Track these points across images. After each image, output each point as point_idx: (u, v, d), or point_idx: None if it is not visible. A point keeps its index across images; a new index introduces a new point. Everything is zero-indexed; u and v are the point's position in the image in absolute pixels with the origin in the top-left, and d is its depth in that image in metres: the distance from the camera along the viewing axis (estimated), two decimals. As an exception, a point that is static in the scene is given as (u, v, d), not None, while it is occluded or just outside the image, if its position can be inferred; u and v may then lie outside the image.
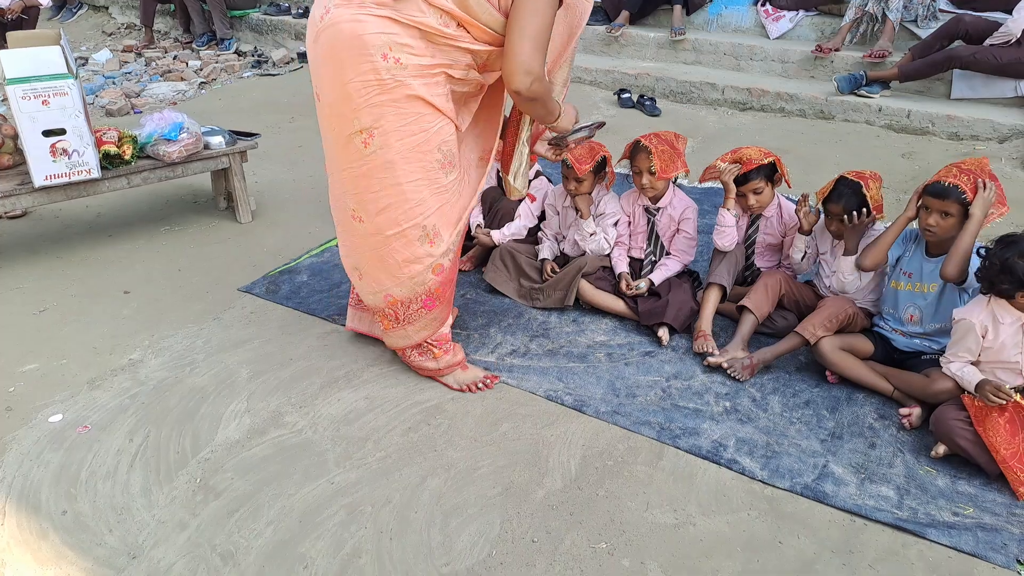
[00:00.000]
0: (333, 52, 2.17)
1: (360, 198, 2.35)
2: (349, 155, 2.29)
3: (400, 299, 2.48)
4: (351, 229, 2.45)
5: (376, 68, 2.14)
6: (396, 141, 2.23)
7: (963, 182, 2.40)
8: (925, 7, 5.41)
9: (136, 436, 2.41)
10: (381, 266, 2.44)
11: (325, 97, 2.27)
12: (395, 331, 2.58)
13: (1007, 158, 4.41)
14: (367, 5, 2.13)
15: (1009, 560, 1.97)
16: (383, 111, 2.19)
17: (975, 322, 2.31)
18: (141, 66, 7.32)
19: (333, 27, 2.15)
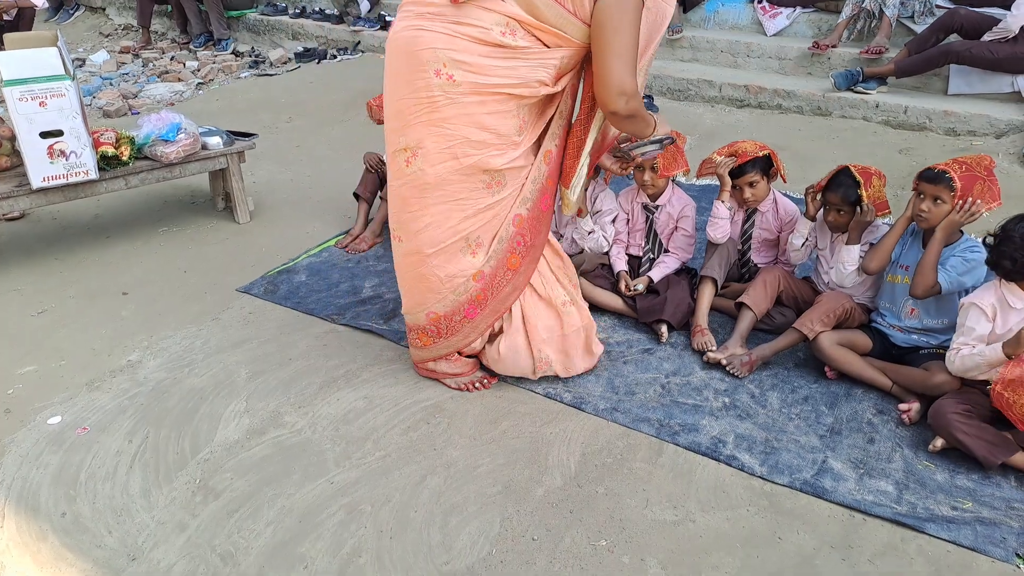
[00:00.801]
0: (392, 65, 2.16)
1: (399, 217, 2.33)
2: (394, 172, 2.28)
3: (443, 314, 2.44)
4: (395, 248, 2.44)
5: (429, 84, 2.08)
6: (439, 163, 2.18)
7: (954, 170, 2.43)
8: (922, 3, 5.41)
9: (135, 437, 2.41)
10: (423, 285, 2.41)
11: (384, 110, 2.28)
12: (432, 346, 2.54)
13: (1004, 153, 4.42)
14: (425, 16, 2.08)
15: (1008, 554, 1.97)
16: (429, 130, 2.14)
17: (984, 306, 2.32)
18: (138, 67, 7.31)
19: (393, 40, 2.14)
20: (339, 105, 5.93)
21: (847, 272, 2.73)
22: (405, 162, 2.21)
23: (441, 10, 2.06)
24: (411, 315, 2.53)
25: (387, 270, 3.47)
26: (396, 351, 2.86)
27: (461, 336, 2.50)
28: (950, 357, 2.38)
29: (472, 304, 2.44)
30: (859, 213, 2.67)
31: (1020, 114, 4.68)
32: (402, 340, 2.90)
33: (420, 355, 2.61)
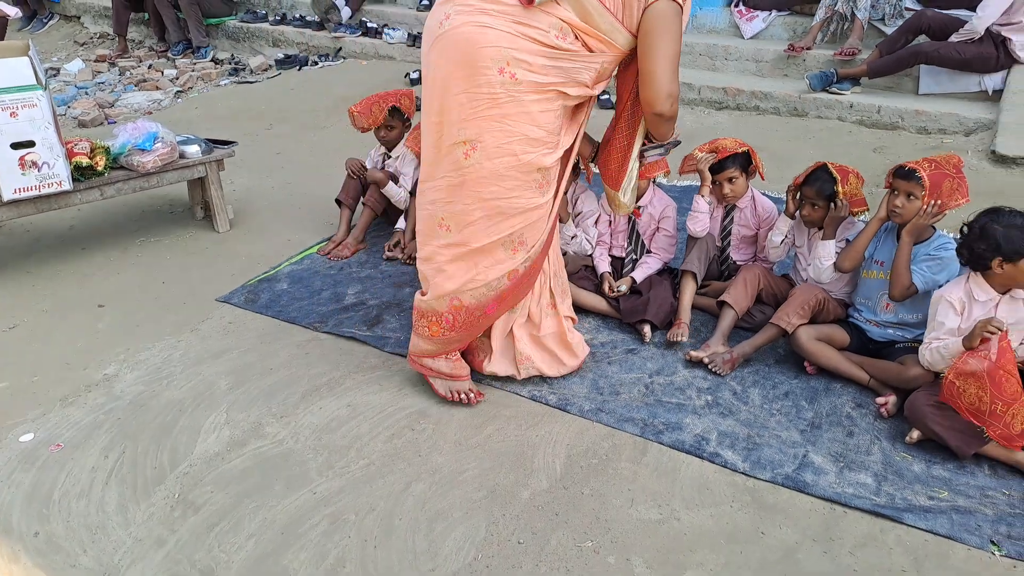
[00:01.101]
0: (449, 60, 2.14)
1: (452, 208, 2.30)
2: (449, 164, 2.25)
3: (466, 305, 2.40)
4: (435, 235, 2.38)
5: (491, 82, 2.11)
6: (497, 158, 2.19)
7: (924, 168, 2.50)
8: (892, 5, 5.49)
9: (111, 452, 2.37)
10: (459, 273, 2.37)
11: (433, 105, 2.23)
12: (440, 337, 2.48)
13: (973, 150, 4.48)
14: (489, 13, 2.09)
15: (983, 541, 2.01)
16: (490, 125, 2.16)
17: (952, 300, 2.37)
18: (115, 76, 7.24)
19: (452, 34, 2.12)
20: (321, 111, 5.91)
21: (824, 267, 2.77)
22: (464, 155, 2.20)
23: (507, 9, 2.09)
24: (432, 300, 2.44)
25: (370, 276, 3.46)
26: (380, 358, 2.85)
27: (470, 332, 2.49)
28: (922, 352, 2.43)
29: (496, 300, 2.43)
30: (833, 209, 2.71)
31: (988, 112, 4.75)
32: (386, 346, 2.89)
33: (423, 347, 2.53)
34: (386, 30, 7.35)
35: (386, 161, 3.85)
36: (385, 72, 6.80)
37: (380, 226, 3.89)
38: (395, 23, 7.60)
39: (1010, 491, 2.18)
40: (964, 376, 2.18)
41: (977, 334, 2.21)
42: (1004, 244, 2.25)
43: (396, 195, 3.72)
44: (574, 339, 2.68)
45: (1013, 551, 1.97)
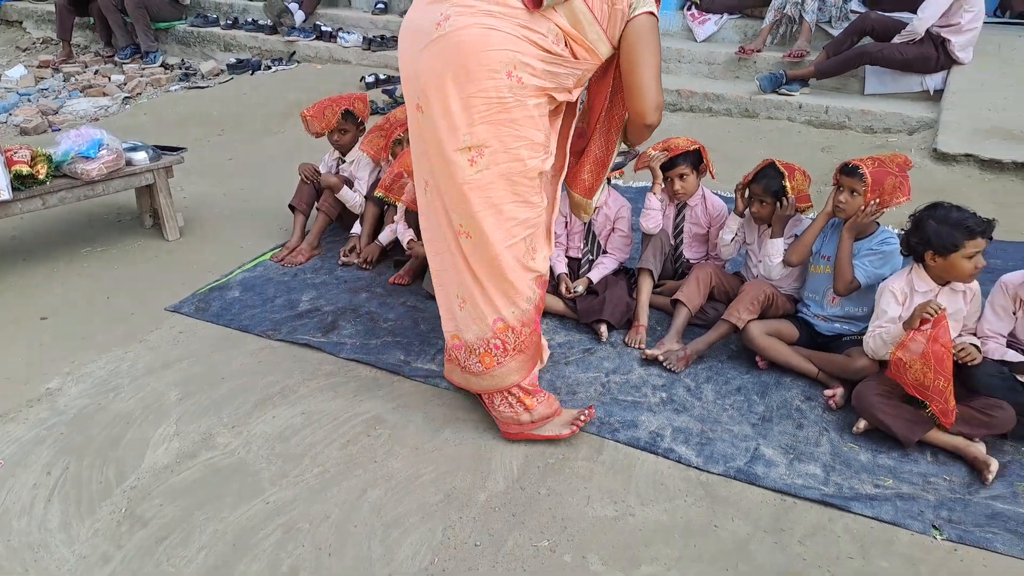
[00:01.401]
0: (451, 62, 2.05)
1: (467, 213, 2.20)
2: (455, 169, 2.16)
3: (511, 324, 2.30)
4: (454, 249, 2.26)
5: (499, 86, 2.06)
6: (505, 163, 2.15)
7: (867, 166, 2.58)
8: (838, 8, 5.65)
9: (54, 469, 2.31)
10: (496, 283, 2.26)
11: (432, 109, 2.13)
12: (498, 368, 2.34)
13: (916, 148, 4.62)
14: (495, 15, 2.03)
15: (925, 526, 2.07)
16: (498, 130, 2.11)
17: (895, 290, 2.47)
18: (59, 82, 7.06)
19: (455, 36, 2.04)
20: (274, 116, 5.84)
21: (773, 264, 2.83)
22: (469, 161, 2.13)
23: (513, 12, 2.05)
24: (475, 326, 2.31)
25: (325, 283, 3.42)
26: (335, 364, 2.82)
27: (528, 356, 2.36)
28: (866, 340, 2.51)
29: (536, 311, 2.35)
30: (779, 208, 2.77)
31: (930, 112, 4.91)
32: (341, 352, 2.87)
33: (482, 384, 2.39)
34: (341, 34, 7.30)
35: (340, 166, 3.82)
36: (340, 76, 6.75)
37: (335, 231, 3.86)
38: (350, 27, 7.55)
39: (951, 477, 2.25)
40: (911, 354, 2.25)
41: (916, 315, 2.29)
42: (934, 238, 2.34)
43: (351, 200, 3.70)
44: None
45: (953, 535, 2.04)
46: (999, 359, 2.40)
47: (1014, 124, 4.55)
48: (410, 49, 2.17)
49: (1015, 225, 3.77)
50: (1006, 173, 4.26)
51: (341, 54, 7.21)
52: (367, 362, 2.82)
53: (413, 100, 2.20)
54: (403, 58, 2.23)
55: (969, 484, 2.22)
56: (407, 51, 2.20)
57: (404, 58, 2.22)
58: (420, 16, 2.15)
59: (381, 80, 6.39)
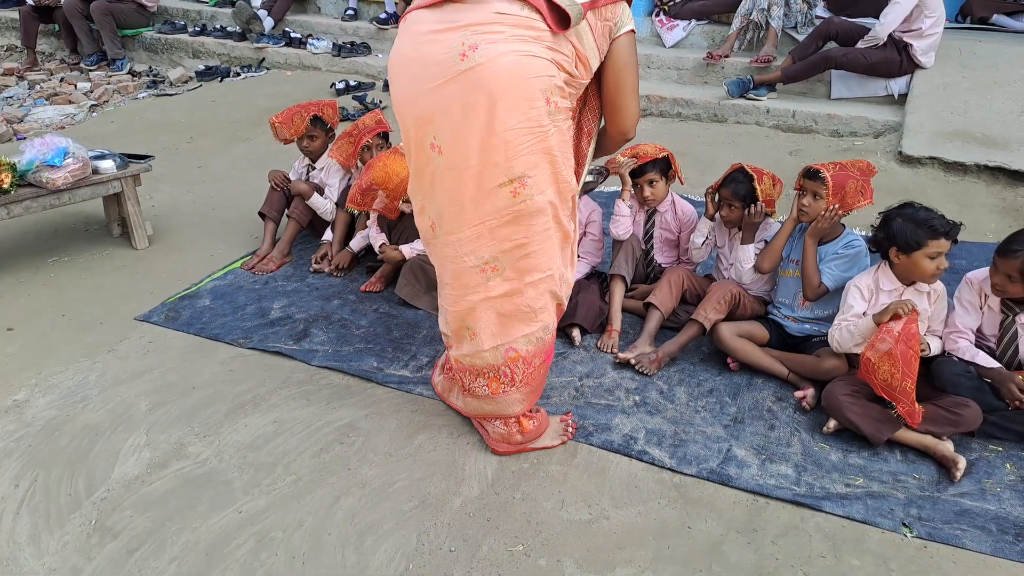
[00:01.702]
0: (490, 95, 1.90)
1: (500, 247, 2.10)
2: (492, 207, 2.03)
3: (523, 355, 2.23)
4: (474, 283, 2.16)
5: (540, 114, 1.96)
6: (548, 187, 2.06)
7: (828, 169, 2.64)
8: (803, 14, 5.75)
9: (22, 481, 2.27)
10: (520, 316, 2.19)
11: (462, 148, 1.97)
12: (503, 396, 2.28)
13: (881, 151, 4.71)
14: (526, 40, 1.90)
15: (895, 524, 2.10)
16: (540, 159, 2.01)
17: (861, 286, 2.53)
18: (24, 90, 6.94)
19: (489, 67, 1.88)
20: (243, 123, 5.79)
21: (744, 270, 2.88)
22: (512, 193, 2.01)
23: (540, 34, 1.93)
24: (486, 354, 2.24)
25: (297, 290, 3.40)
26: (307, 372, 2.80)
27: (532, 388, 2.30)
28: (831, 333, 2.56)
29: (552, 345, 2.30)
30: (748, 215, 2.81)
31: (894, 115, 5.01)
32: (313, 360, 2.85)
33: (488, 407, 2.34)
34: (310, 40, 7.27)
35: (311, 172, 3.80)
36: (310, 82, 6.72)
37: (306, 238, 3.84)
38: (319, 33, 7.52)
39: (920, 475, 2.29)
40: (879, 354, 2.29)
41: (891, 311, 2.34)
42: (899, 235, 2.40)
43: (322, 207, 3.68)
44: None
45: (923, 532, 2.07)
46: (969, 360, 2.45)
47: (975, 127, 4.66)
48: (420, 86, 1.97)
49: (978, 226, 3.86)
50: (969, 175, 4.36)
51: (311, 60, 7.18)
52: (340, 369, 2.81)
53: (426, 141, 2.02)
54: (407, 95, 2.02)
55: (938, 482, 2.26)
56: (413, 88, 1.99)
57: (409, 95, 2.01)
58: (427, 48, 1.94)
59: (351, 86, 6.38)
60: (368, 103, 5.95)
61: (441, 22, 1.92)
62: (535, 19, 1.92)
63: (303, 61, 7.21)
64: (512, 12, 1.90)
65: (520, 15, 1.91)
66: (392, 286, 3.35)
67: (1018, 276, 2.35)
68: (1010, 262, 2.34)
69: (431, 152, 2.03)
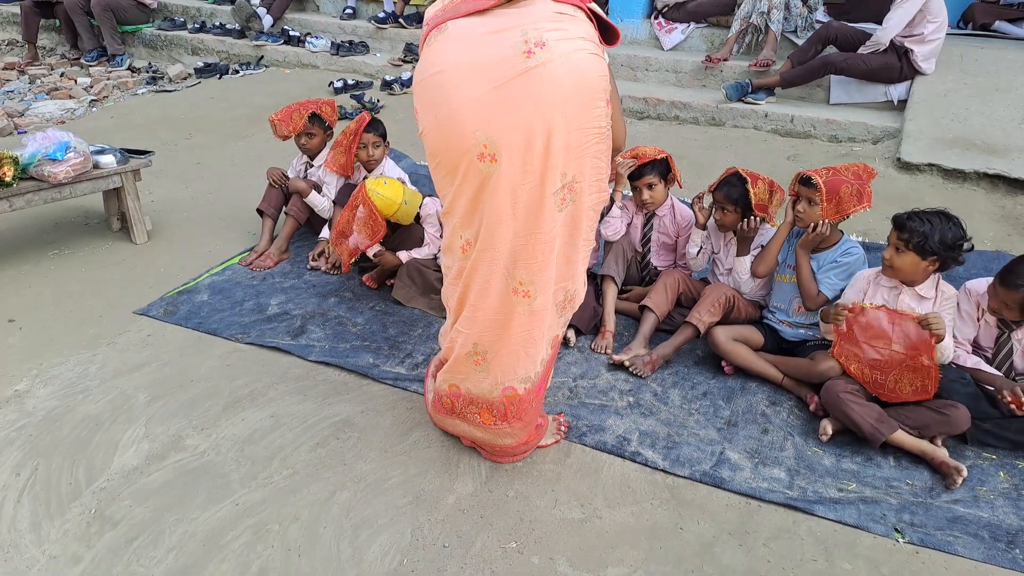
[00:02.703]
0: (562, 93, 1.81)
1: (538, 268, 2.00)
2: (543, 217, 1.94)
3: (521, 394, 2.16)
4: (505, 307, 2.05)
5: (601, 115, 1.91)
6: (588, 195, 2.00)
7: (821, 175, 2.67)
8: (803, 18, 5.77)
9: (23, 470, 2.29)
10: (521, 350, 2.11)
11: (529, 153, 1.86)
12: (494, 428, 2.23)
13: (880, 157, 4.73)
14: (587, 39, 1.85)
15: (888, 529, 2.12)
16: (592, 162, 1.95)
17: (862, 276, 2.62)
18: (24, 84, 6.94)
19: (564, 62, 1.79)
20: (242, 120, 5.80)
21: (743, 280, 2.91)
22: (560, 201, 1.94)
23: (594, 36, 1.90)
24: (484, 387, 2.18)
25: (294, 287, 3.42)
26: (304, 368, 2.82)
27: (525, 423, 2.23)
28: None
29: (544, 377, 2.22)
30: (741, 229, 2.84)
31: (893, 121, 5.03)
32: (310, 355, 2.87)
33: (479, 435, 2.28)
34: (309, 39, 7.28)
35: (309, 170, 3.82)
36: (308, 80, 6.74)
37: (304, 235, 3.85)
38: (318, 31, 7.54)
39: (913, 481, 2.30)
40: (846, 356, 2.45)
41: (833, 314, 2.48)
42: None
43: (320, 205, 3.70)
44: None
45: (915, 537, 2.09)
46: (971, 367, 2.48)
47: (975, 134, 4.68)
48: (470, 90, 1.83)
49: (977, 234, 3.87)
50: (968, 183, 4.38)
51: (309, 59, 7.19)
52: (336, 365, 2.82)
53: (472, 151, 1.87)
54: (452, 105, 1.86)
55: (931, 488, 2.28)
56: (471, 92, 1.83)
57: (455, 104, 1.85)
58: (486, 50, 1.82)
59: (350, 85, 6.39)
60: (366, 102, 5.96)
61: (497, 24, 1.83)
62: (588, 22, 1.90)
63: (301, 59, 7.23)
64: (570, 13, 1.87)
65: (577, 16, 1.88)
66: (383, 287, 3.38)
67: (1016, 307, 2.38)
68: (1012, 294, 2.37)
69: (479, 163, 1.88)
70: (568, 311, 2.18)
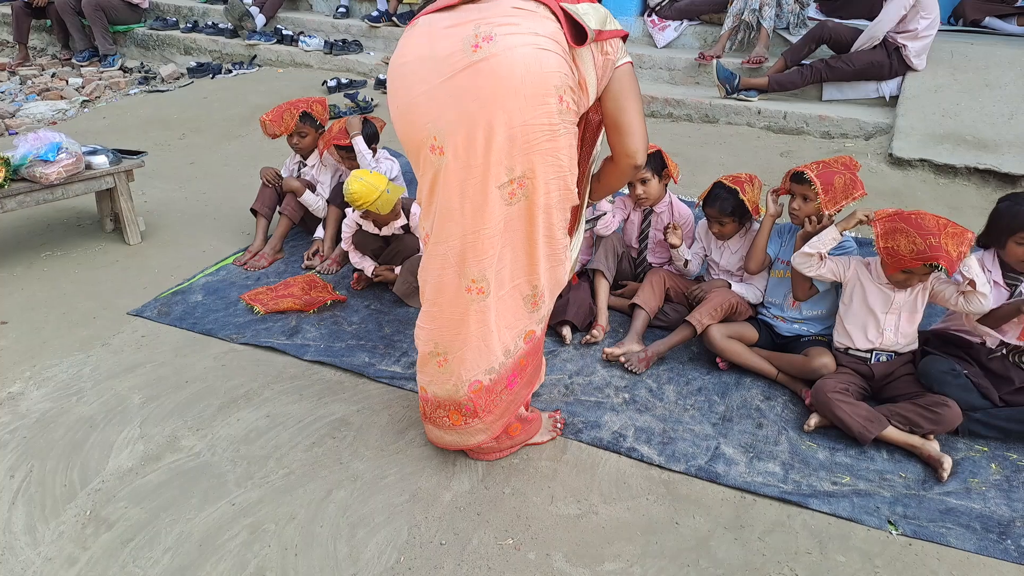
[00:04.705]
0: (503, 87, 1.81)
1: (488, 263, 2.01)
2: (489, 212, 1.94)
3: (487, 385, 2.15)
4: (459, 305, 2.06)
5: (550, 112, 1.87)
6: (544, 194, 1.97)
7: (812, 170, 2.68)
8: (795, 15, 5.78)
9: (17, 472, 2.29)
10: (481, 344, 2.10)
11: (473, 147, 1.88)
12: (465, 427, 2.22)
13: (872, 153, 4.75)
14: (543, 35, 1.83)
15: (881, 521, 2.14)
16: (542, 159, 1.92)
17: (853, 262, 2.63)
18: (15, 85, 6.91)
19: (503, 58, 1.80)
20: (235, 120, 5.79)
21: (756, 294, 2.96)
22: (509, 195, 1.93)
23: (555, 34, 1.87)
24: (449, 387, 2.17)
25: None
26: (299, 367, 2.82)
27: (496, 416, 2.22)
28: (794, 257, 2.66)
29: (515, 370, 2.18)
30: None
31: (885, 117, 5.05)
32: (306, 355, 2.87)
33: (445, 439, 2.28)
34: (302, 38, 7.27)
35: (302, 169, 3.82)
36: (302, 80, 6.73)
37: (298, 235, 3.85)
38: (311, 30, 7.53)
39: (906, 474, 2.32)
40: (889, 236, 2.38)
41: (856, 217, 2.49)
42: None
43: (313, 204, 3.69)
44: None
45: (908, 529, 2.10)
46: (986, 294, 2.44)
47: (966, 130, 4.70)
48: (424, 83, 1.88)
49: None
50: (959, 177, 4.40)
51: (302, 58, 7.18)
52: (331, 364, 2.82)
53: (425, 143, 1.92)
54: (410, 96, 1.91)
55: (924, 481, 2.29)
56: (424, 85, 1.88)
57: (417, 93, 1.90)
58: (441, 44, 1.86)
59: (343, 84, 6.38)
60: (359, 100, 5.95)
61: (457, 19, 1.87)
62: (552, 19, 1.87)
63: (295, 58, 7.21)
64: (528, 8, 1.86)
65: (536, 12, 1.86)
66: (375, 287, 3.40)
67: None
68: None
69: (431, 155, 1.93)
70: (543, 307, 2.15)
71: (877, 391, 2.60)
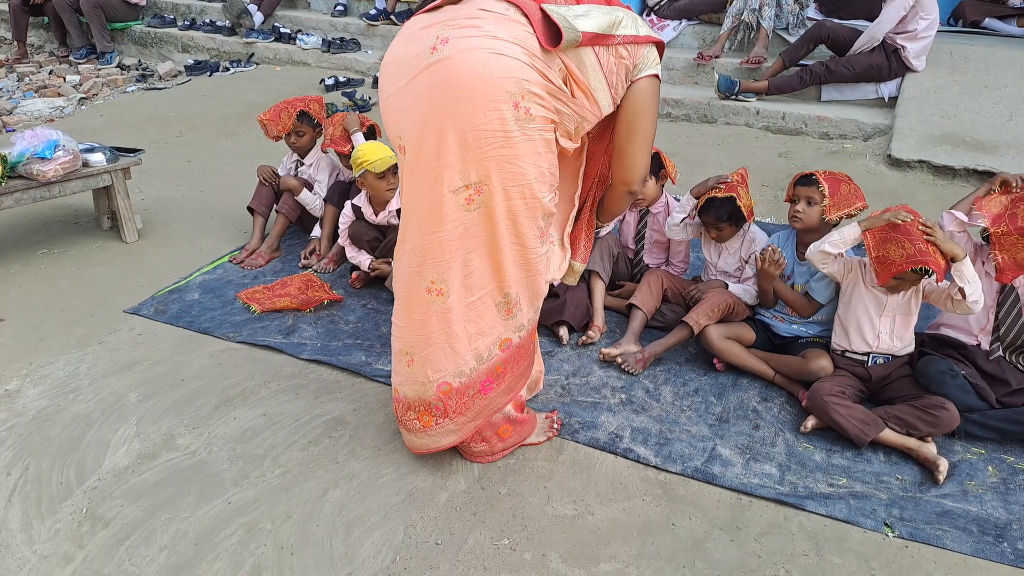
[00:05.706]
0: (451, 91, 1.81)
1: (446, 266, 1.99)
2: (444, 215, 1.93)
3: (456, 387, 2.12)
4: (421, 305, 2.06)
5: (504, 118, 1.83)
6: (504, 201, 1.93)
7: (820, 175, 2.68)
8: (795, 16, 5.78)
9: (13, 470, 2.28)
10: (446, 346, 2.08)
11: (424, 149, 1.89)
12: (435, 428, 2.19)
13: (871, 155, 4.75)
14: (501, 39, 1.80)
15: (877, 523, 2.14)
16: (500, 166, 1.88)
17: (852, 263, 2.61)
18: (13, 82, 6.90)
19: (454, 61, 1.80)
20: (233, 118, 5.78)
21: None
22: (466, 200, 1.91)
23: (522, 38, 1.83)
24: (417, 387, 2.15)
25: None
26: (296, 366, 2.82)
27: (468, 418, 2.19)
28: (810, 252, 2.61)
29: (490, 377, 2.15)
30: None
31: (884, 118, 5.05)
32: (302, 354, 2.87)
33: (416, 442, 2.25)
34: (300, 36, 7.26)
35: (299, 168, 3.81)
36: (299, 78, 6.72)
37: (295, 233, 3.84)
38: (309, 29, 7.52)
39: (902, 476, 2.32)
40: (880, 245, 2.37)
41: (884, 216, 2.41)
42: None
43: (311, 203, 3.69)
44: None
45: (904, 532, 2.10)
46: None
47: (965, 131, 4.71)
48: (394, 84, 1.92)
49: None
50: (957, 179, 4.40)
51: (300, 56, 7.17)
52: (328, 363, 2.82)
53: (395, 142, 1.98)
54: (385, 95, 1.97)
55: (920, 483, 2.29)
56: (390, 86, 1.94)
57: (386, 95, 1.96)
58: (406, 46, 1.90)
59: (341, 82, 6.38)
60: (357, 99, 5.95)
61: (431, 20, 1.89)
62: (521, 22, 1.84)
63: (292, 57, 7.20)
64: (496, 11, 1.84)
65: (504, 14, 1.84)
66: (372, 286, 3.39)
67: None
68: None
69: (400, 155, 1.98)
70: (519, 315, 2.11)
71: (874, 393, 2.60)
